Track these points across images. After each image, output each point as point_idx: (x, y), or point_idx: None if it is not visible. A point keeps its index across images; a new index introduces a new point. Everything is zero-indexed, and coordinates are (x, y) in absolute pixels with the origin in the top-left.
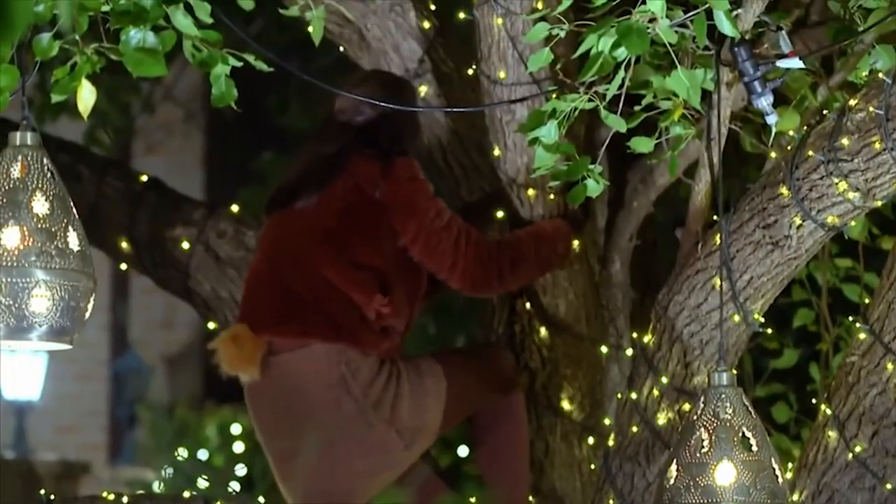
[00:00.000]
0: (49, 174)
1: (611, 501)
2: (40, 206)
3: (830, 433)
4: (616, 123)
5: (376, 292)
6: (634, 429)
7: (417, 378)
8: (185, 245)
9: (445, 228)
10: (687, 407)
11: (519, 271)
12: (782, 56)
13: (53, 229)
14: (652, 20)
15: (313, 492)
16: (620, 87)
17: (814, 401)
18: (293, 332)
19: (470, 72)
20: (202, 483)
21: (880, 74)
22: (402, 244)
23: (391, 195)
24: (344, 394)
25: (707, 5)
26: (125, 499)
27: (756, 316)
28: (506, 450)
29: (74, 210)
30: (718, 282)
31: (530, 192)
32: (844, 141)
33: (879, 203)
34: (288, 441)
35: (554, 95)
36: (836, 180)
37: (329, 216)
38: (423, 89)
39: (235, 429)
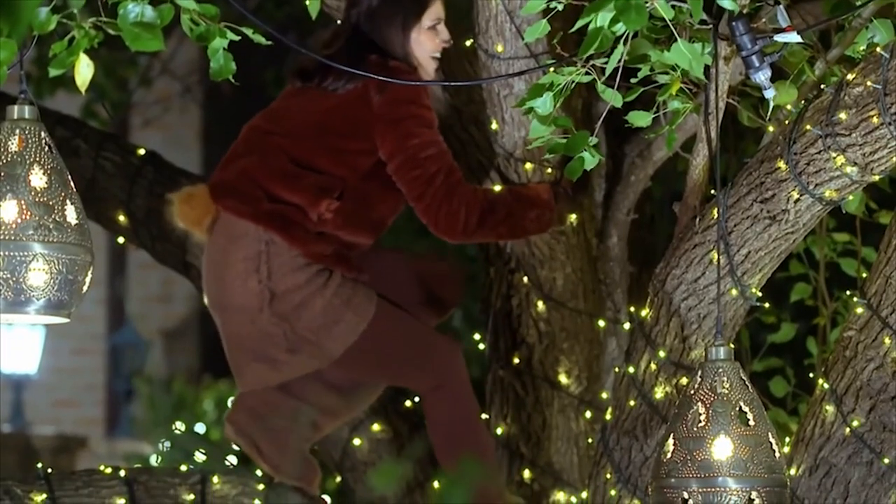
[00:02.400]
0: (47, 148)
1: (608, 475)
2: (38, 179)
3: (828, 407)
4: (613, 98)
5: (325, 198)
6: (632, 403)
7: (342, 304)
8: None
9: (427, 159)
10: (684, 381)
11: (487, 226)
12: (780, 30)
13: (51, 203)
14: None
15: (228, 355)
16: (618, 60)
17: (811, 375)
18: (232, 208)
19: (468, 44)
20: (199, 456)
21: (878, 49)
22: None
23: (384, 109)
24: (252, 270)
25: None
26: (122, 472)
27: (753, 290)
28: (450, 420)
29: (72, 184)
30: (716, 256)
31: (527, 166)
32: (842, 115)
33: (877, 177)
34: (214, 297)
35: (552, 69)
36: (833, 154)
37: (319, 112)
38: None
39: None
